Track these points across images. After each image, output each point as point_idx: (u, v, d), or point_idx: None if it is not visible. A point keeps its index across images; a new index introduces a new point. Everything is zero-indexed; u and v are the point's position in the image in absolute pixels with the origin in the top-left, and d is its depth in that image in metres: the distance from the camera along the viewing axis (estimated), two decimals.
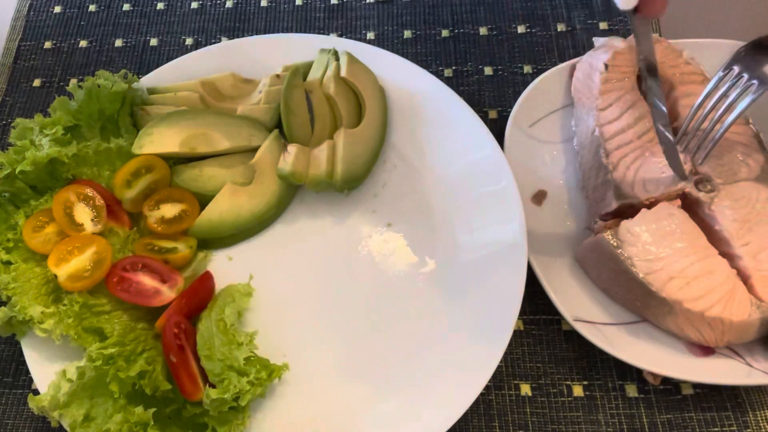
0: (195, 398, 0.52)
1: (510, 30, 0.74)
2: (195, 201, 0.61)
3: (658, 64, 0.60)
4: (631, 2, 0.39)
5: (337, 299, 0.58)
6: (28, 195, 0.59)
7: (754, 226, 0.53)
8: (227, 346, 0.52)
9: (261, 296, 0.59)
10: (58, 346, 0.54)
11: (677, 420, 0.53)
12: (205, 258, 0.61)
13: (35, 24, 0.82)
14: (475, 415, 0.55)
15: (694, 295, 0.51)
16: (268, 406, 0.54)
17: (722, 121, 0.52)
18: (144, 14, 0.81)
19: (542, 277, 0.55)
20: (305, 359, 0.56)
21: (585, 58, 0.64)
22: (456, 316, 0.56)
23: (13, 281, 0.55)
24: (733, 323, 0.50)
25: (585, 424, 0.54)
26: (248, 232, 0.62)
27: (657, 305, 0.52)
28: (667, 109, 0.60)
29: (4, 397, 0.60)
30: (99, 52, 0.79)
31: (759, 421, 0.53)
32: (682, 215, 0.54)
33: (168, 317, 0.54)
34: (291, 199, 0.63)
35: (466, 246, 0.58)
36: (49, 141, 0.59)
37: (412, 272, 0.59)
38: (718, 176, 0.55)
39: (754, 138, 0.57)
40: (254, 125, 0.63)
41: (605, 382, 0.55)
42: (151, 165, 0.61)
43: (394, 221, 0.61)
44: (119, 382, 0.50)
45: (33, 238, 0.57)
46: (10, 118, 0.75)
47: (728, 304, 0.50)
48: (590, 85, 0.62)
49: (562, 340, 0.57)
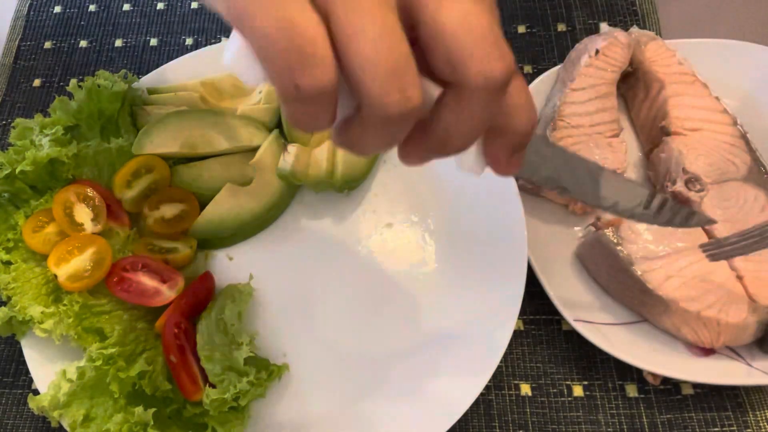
0: (195, 398, 0.52)
1: (510, 30, 0.74)
2: (195, 201, 0.61)
3: (650, 63, 0.61)
4: (479, 168, 0.35)
5: (337, 299, 0.58)
6: (28, 195, 0.59)
7: (742, 226, 0.53)
8: (227, 347, 0.52)
9: (261, 296, 0.59)
10: (58, 346, 0.54)
11: (677, 420, 0.53)
12: (205, 258, 0.61)
13: (35, 24, 0.82)
14: (475, 415, 0.55)
15: (691, 295, 0.51)
16: (268, 406, 0.54)
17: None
18: (144, 14, 0.81)
19: (542, 277, 0.55)
20: (305, 359, 0.56)
21: (584, 40, 0.65)
22: (456, 316, 0.56)
23: (13, 281, 0.55)
24: (729, 324, 0.50)
25: (585, 424, 0.54)
26: (248, 232, 0.62)
27: (654, 304, 0.52)
28: (657, 108, 0.60)
29: (4, 397, 0.60)
30: (99, 52, 0.79)
31: (759, 421, 0.53)
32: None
33: (168, 317, 0.54)
34: (291, 199, 0.63)
35: (466, 246, 0.58)
36: (49, 141, 0.59)
37: (412, 272, 0.59)
38: (707, 176, 0.56)
39: (742, 139, 0.58)
40: (254, 125, 0.63)
41: (605, 382, 0.55)
42: (151, 165, 0.61)
43: (394, 221, 0.61)
44: (119, 382, 0.50)
45: (33, 238, 0.57)
46: (10, 118, 0.75)
47: (725, 305, 0.50)
48: (576, 64, 0.62)
49: (562, 340, 0.57)
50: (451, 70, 0.28)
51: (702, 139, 0.58)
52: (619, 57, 0.62)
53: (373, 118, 0.28)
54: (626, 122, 0.65)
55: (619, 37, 0.62)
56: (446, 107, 0.29)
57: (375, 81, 0.26)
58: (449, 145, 0.30)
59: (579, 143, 0.58)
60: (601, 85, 0.61)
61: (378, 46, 0.26)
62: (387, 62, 0.26)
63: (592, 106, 0.60)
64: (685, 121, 0.59)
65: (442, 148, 0.31)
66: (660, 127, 0.60)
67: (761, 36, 0.66)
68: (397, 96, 0.27)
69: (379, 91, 0.26)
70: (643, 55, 0.62)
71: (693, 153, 0.57)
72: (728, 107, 0.60)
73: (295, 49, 0.26)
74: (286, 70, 0.26)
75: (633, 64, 0.63)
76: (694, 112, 0.59)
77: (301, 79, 0.26)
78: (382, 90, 0.26)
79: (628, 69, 0.63)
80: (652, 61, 0.62)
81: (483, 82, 0.27)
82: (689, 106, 0.59)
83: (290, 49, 0.26)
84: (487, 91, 0.28)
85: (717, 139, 0.58)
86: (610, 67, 0.61)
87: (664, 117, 0.59)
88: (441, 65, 0.28)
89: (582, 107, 0.59)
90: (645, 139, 0.63)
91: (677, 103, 0.59)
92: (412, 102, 0.27)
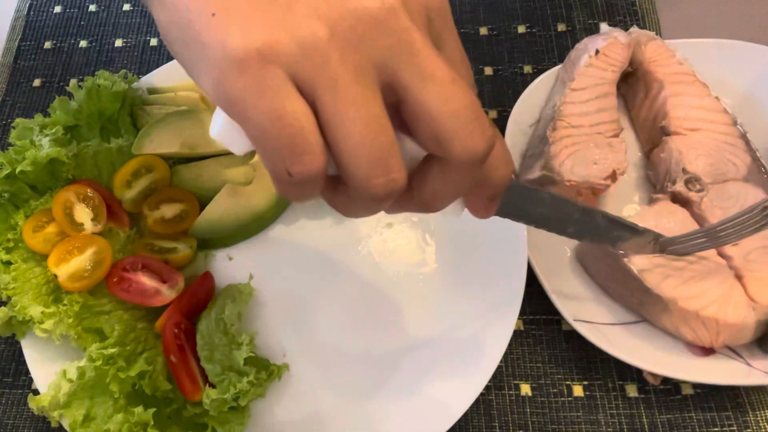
0: (195, 398, 0.52)
1: (510, 30, 0.74)
2: (195, 201, 0.61)
3: (650, 63, 0.61)
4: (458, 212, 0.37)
5: (337, 299, 0.58)
6: (28, 195, 0.59)
7: None
8: (227, 347, 0.52)
9: (261, 296, 0.59)
10: (58, 346, 0.54)
11: (677, 420, 0.53)
12: (205, 258, 0.61)
13: (35, 24, 0.82)
14: (475, 415, 0.55)
15: (690, 294, 0.51)
16: (268, 406, 0.54)
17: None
18: (144, 14, 0.81)
19: (542, 277, 0.55)
20: (305, 359, 0.56)
21: (584, 40, 0.65)
22: (456, 316, 0.56)
23: (13, 281, 0.55)
24: (728, 324, 0.50)
25: (585, 424, 0.54)
26: (248, 232, 0.62)
27: (652, 303, 0.52)
28: (656, 108, 0.60)
29: (4, 397, 0.60)
30: (99, 52, 0.79)
31: (759, 421, 0.53)
32: (682, 214, 0.54)
33: (168, 317, 0.54)
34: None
35: (466, 246, 0.58)
36: (49, 141, 0.59)
37: (412, 272, 0.59)
38: (707, 176, 0.56)
39: (741, 138, 0.58)
40: None
41: (605, 382, 0.55)
42: (151, 165, 0.61)
43: (394, 221, 0.61)
44: (119, 382, 0.50)
45: (33, 238, 0.57)
46: (10, 118, 0.75)
47: (724, 304, 0.50)
48: (576, 64, 0.62)
49: (562, 340, 0.57)
50: (436, 146, 0.29)
51: (702, 139, 0.58)
52: (619, 57, 0.62)
53: (360, 196, 0.29)
54: (626, 122, 0.65)
55: (619, 37, 0.62)
56: (432, 175, 0.31)
57: (361, 166, 0.28)
58: (433, 206, 0.33)
59: (579, 143, 0.58)
60: (601, 85, 0.61)
61: (364, 134, 0.27)
62: (372, 149, 0.28)
63: (592, 106, 0.60)
64: (684, 121, 0.59)
65: (426, 208, 0.33)
66: (660, 127, 0.60)
67: (761, 36, 0.66)
68: (383, 179, 0.28)
69: (365, 175, 0.28)
70: (643, 55, 0.62)
71: (693, 153, 0.57)
72: (728, 107, 0.60)
73: (287, 140, 0.27)
74: (278, 158, 0.28)
75: (633, 64, 0.63)
76: (693, 112, 0.59)
77: (293, 167, 0.28)
78: (368, 174, 0.28)
79: (628, 69, 0.63)
80: (652, 61, 0.62)
81: (467, 156, 0.29)
82: (689, 106, 0.59)
83: (282, 139, 0.27)
84: (470, 163, 0.29)
85: (717, 139, 0.58)
86: (610, 67, 0.62)
87: (664, 117, 0.59)
88: (426, 141, 0.30)
89: (582, 107, 0.60)
90: (645, 139, 0.63)
91: (677, 103, 0.59)
92: (397, 183, 0.29)
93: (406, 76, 0.28)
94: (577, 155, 0.57)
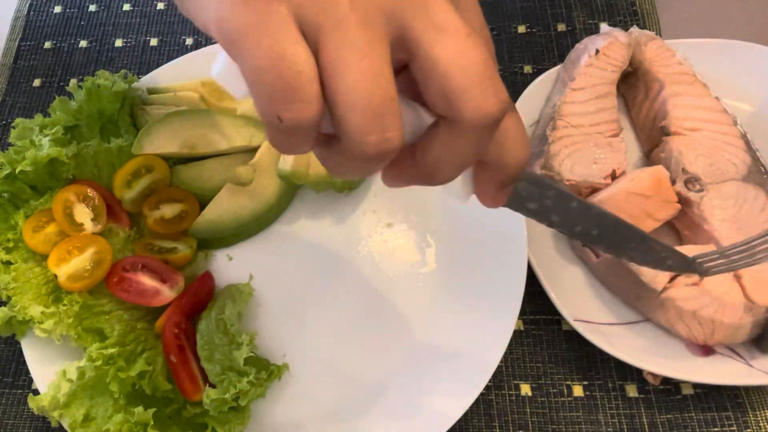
0: (195, 398, 0.52)
1: (510, 30, 0.74)
2: (195, 201, 0.61)
3: (650, 63, 0.61)
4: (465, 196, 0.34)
5: (337, 299, 0.58)
6: (28, 195, 0.59)
7: (742, 225, 0.53)
8: (227, 347, 0.52)
9: (261, 296, 0.59)
10: (58, 346, 0.54)
11: (677, 420, 0.53)
12: (205, 258, 0.61)
13: (35, 24, 0.82)
14: (475, 415, 0.55)
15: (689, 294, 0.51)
16: (268, 406, 0.54)
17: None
18: (144, 14, 0.81)
19: (542, 277, 0.55)
20: (305, 359, 0.56)
21: (584, 40, 0.65)
22: (456, 316, 0.56)
23: (13, 281, 0.55)
24: (724, 324, 0.50)
25: (585, 424, 0.54)
26: (248, 232, 0.62)
27: (649, 297, 0.52)
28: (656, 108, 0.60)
29: (4, 397, 0.60)
30: (99, 52, 0.79)
31: (759, 421, 0.53)
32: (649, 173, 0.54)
33: (168, 317, 0.54)
34: (291, 199, 0.63)
35: (466, 246, 0.58)
36: (49, 141, 0.59)
37: (412, 272, 0.59)
38: (707, 176, 0.56)
39: (741, 139, 0.58)
40: (254, 125, 0.63)
41: (605, 382, 0.55)
42: (151, 165, 0.61)
43: (394, 221, 0.61)
44: (119, 382, 0.50)
45: (33, 238, 0.57)
46: (10, 118, 0.75)
47: (721, 303, 0.50)
48: (576, 64, 0.62)
49: (562, 340, 0.57)
50: (445, 105, 0.27)
51: (702, 139, 0.58)
52: (619, 57, 0.62)
53: (352, 153, 0.27)
54: (626, 122, 0.65)
55: (619, 37, 0.62)
56: (438, 139, 0.29)
57: (356, 119, 0.26)
58: (436, 176, 0.30)
59: (579, 143, 0.58)
60: (601, 85, 0.61)
61: (362, 84, 0.26)
62: (370, 103, 0.26)
63: (592, 106, 0.60)
64: (684, 121, 0.59)
65: (429, 178, 0.30)
66: (660, 127, 0.60)
67: (761, 36, 0.66)
68: (377, 137, 0.26)
69: (359, 129, 0.26)
70: (643, 55, 0.62)
71: (693, 153, 0.57)
72: (728, 107, 0.60)
73: (282, 83, 0.26)
74: (271, 101, 0.26)
75: (633, 64, 0.63)
76: (693, 112, 0.59)
77: (284, 112, 0.26)
78: (362, 129, 0.26)
79: (628, 69, 0.63)
80: (652, 61, 0.62)
81: (477, 118, 0.27)
82: (689, 106, 0.59)
83: (277, 82, 0.26)
84: (481, 126, 0.27)
85: (717, 139, 0.58)
86: (610, 67, 0.62)
87: (664, 117, 0.59)
88: (435, 100, 0.28)
89: (582, 107, 0.60)
90: (645, 139, 0.63)
91: (677, 103, 0.59)
92: (391, 143, 0.27)
93: (418, 28, 0.27)
94: (577, 155, 0.57)
